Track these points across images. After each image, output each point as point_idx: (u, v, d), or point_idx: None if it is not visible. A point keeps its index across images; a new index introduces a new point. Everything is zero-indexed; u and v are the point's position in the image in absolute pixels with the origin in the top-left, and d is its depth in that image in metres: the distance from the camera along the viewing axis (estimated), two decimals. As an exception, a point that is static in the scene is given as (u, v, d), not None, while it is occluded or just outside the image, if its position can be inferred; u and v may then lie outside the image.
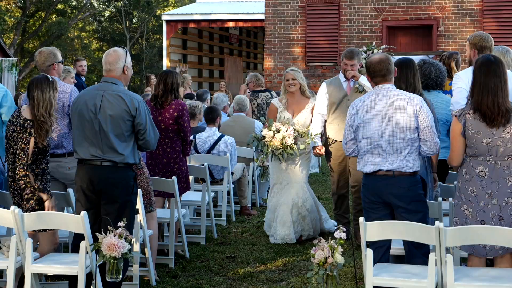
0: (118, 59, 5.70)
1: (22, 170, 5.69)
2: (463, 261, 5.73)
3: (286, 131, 7.84)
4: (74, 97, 6.49)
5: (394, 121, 5.36)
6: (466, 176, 5.16)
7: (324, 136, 8.08)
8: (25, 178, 5.68)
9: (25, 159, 5.68)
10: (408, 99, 5.38)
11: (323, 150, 7.97)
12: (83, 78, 11.64)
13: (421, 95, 5.80)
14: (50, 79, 5.87)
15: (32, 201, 5.71)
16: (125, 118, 5.56)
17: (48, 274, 6.17)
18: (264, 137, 7.96)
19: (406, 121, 5.34)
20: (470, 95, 5.14)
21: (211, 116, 9.15)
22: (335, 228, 5.37)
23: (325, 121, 8.00)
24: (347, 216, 8.13)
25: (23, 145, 5.69)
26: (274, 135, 7.86)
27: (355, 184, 7.76)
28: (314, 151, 8.01)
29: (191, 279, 6.66)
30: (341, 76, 7.95)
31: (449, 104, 6.61)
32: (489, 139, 5.04)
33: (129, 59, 5.79)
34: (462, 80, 6.25)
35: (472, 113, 5.09)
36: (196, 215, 9.14)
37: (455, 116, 5.17)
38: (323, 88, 7.99)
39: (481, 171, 5.09)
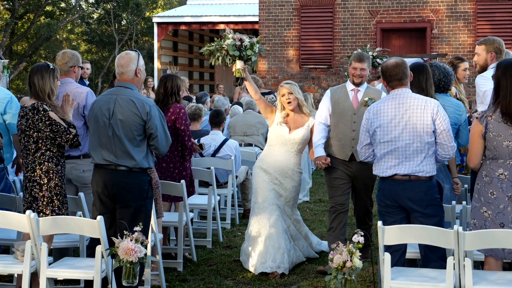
0: (130, 61, 5.69)
1: (68, 135, 5.76)
2: (476, 265, 5.74)
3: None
4: (90, 100, 6.48)
5: (411, 125, 5.36)
6: (486, 178, 5.17)
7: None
8: (75, 139, 5.81)
9: (62, 126, 5.75)
10: (425, 103, 5.39)
11: (328, 160, 6.85)
12: (87, 82, 11.39)
13: None
14: (52, 67, 5.85)
15: (56, 200, 5.69)
16: (136, 122, 5.54)
17: (58, 279, 6.12)
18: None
19: (423, 125, 5.35)
20: (494, 98, 5.14)
21: (217, 119, 9.13)
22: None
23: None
24: (342, 238, 6.87)
25: (47, 122, 5.70)
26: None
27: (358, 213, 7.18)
28: (318, 162, 6.87)
29: (201, 283, 6.63)
30: (348, 84, 6.97)
31: (458, 107, 6.61)
32: (509, 142, 5.05)
33: (141, 61, 5.77)
34: (492, 82, 6.23)
35: (495, 115, 5.09)
36: (200, 218, 9.11)
37: (476, 118, 5.18)
38: (327, 96, 7.00)
39: (501, 173, 5.10)
